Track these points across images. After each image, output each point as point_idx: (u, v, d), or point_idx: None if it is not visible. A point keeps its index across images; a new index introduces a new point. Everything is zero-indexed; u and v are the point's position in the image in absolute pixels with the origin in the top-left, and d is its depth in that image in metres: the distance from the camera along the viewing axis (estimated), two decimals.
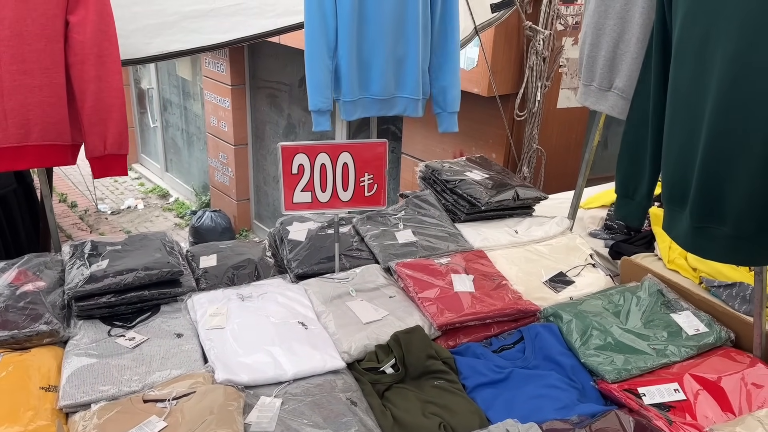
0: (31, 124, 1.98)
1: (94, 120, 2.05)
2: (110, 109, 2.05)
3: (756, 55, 1.30)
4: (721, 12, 1.34)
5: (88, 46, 1.97)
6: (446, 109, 2.35)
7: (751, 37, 1.30)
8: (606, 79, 2.01)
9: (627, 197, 1.80)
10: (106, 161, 2.12)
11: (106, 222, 6.91)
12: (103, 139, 2.08)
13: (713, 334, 1.81)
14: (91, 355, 1.62)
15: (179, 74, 7.49)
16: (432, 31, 2.21)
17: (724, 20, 1.34)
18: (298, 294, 1.97)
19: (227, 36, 3.00)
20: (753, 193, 1.37)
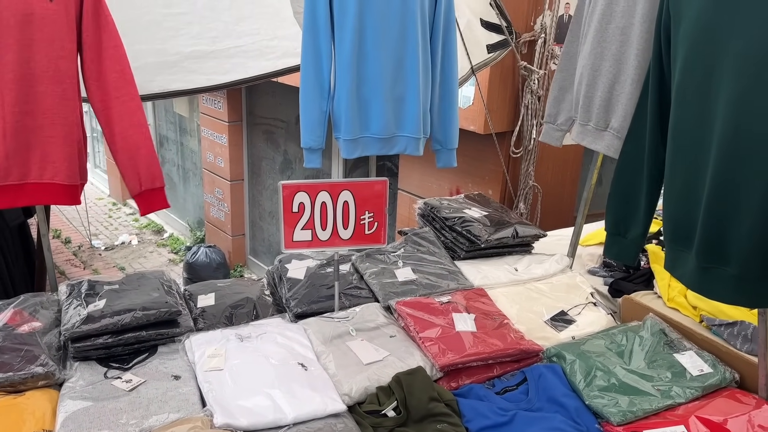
0: (30, 163, 1.98)
1: (125, 159, 2.11)
2: (138, 146, 2.10)
3: (757, 99, 1.32)
4: (721, 57, 1.37)
5: (108, 90, 2.02)
6: (445, 146, 2.38)
7: (752, 81, 1.32)
8: (602, 120, 2.04)
9: (618, 235, 1.81)
10: (146, 197, 2.20)
11: (100, 258, 6.86)
12: (137, 176, 2.14)
13: (718, 374, 1.79)
14: (86, 398, 1.58)
15: (176, 111, 7.55)
16: (432, 72, 2.24)
17: (725, 65, 1.37)
18: (297, 334, 1.94)
19: (227, 77, 3.04)
20: (757, 235, 1.37)
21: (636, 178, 1.71)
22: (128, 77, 2.08)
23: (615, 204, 1.79)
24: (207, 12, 2.77)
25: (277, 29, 2.89)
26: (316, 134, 2.15)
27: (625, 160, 1.75)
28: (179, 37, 2.80)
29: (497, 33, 3.10)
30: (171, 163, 8.00)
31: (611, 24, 1.94)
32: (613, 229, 1.82)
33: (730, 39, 1.36)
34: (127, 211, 8.56)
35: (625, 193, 1.75)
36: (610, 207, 1.81)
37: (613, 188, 1.79)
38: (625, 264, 2.44)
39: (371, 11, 2.07)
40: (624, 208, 1.77)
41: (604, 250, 1.91)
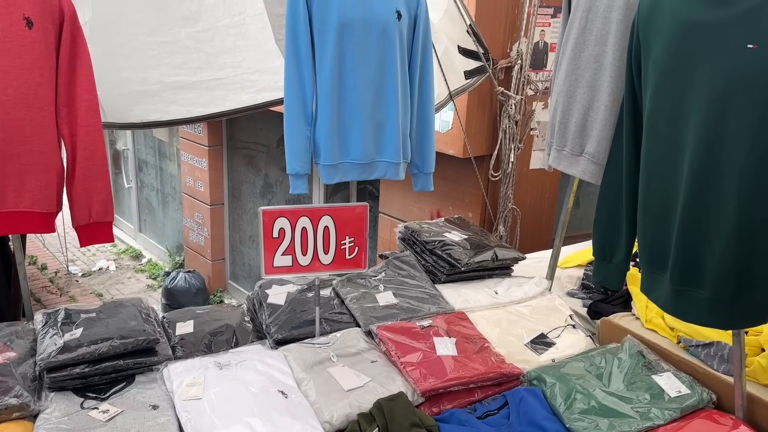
0: (7, 191, 1.96)
1: (81, 189, 2.08)
2: (96, 178, 2.09)
3: (725, 125, 1.36)
4: (690, 85, 1.42)
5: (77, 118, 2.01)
6: (422, 170, 2.44)
7: (719, 107, 1.37)
8: (577, 145, 2.08)
9: (605, 260, 1.84)
10: (92, 229, 2.15)
11: (77, 285, 6.75)
12: (89, 207, 2.11)
13: (695, 395, 1.81)
14: (62, 429, 1.55)
15: (156, 136, 7.52)
16: (410, 98, 2.28)
17: (693, 92, 1.41)
18: (277, 361, 1.93)
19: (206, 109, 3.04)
20: (728, 258, 1.40)
21: (616, 205, 1.74)
22: (96, 108, 2.08)
23: (599, 230, 1.83)
24: (190, 42, 2.78)
25: (259, 62, 2.91)
26: (302, 160, 2.18)
27: (606, 187, 1.79)
28: (161, 67, 2.80)
29: (474, 59, 3.16)
30: (150, 188, 7.94)
31: (584, 52, 1.99)
32: (599, 254, 1.85)
33: (698, 67, 1.40)
34: None
35: (608, 219, 1.79)
36: (596, 233, 1.84)
37: (597, 214, 1.83)
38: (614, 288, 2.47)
39: (351, 40, 2.11)
40: (608, 233, 1.80)
41: (593, 275, 1.94)
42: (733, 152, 1.36)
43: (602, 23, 1.94)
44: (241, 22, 2.77)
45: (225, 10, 2.72)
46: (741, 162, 1.35)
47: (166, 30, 2.71)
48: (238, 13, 2.75)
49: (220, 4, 2.70)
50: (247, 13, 2.74)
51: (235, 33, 2.80)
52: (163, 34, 2.72)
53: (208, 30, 2.76)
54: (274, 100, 3.01)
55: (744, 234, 1.40)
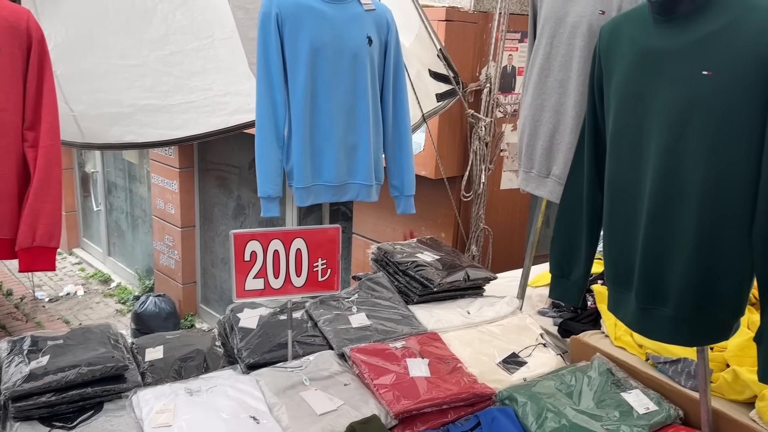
0: None
1: (29, 210, 1.98)
2: (46, 200, 1.99)
3: (682, 148, 1.41)
4: (649, 110, 1.47)
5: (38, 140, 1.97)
6: (403, 193, 2.44)
7: (676, 131, 1.42)
8: (544, 167, 2.14)
9: (562, 277, 1.87)
10: (34, 253, 2.02)
11: (44, 310, 6.59)
12: (33, 230, 1.99)
13: (663, 412, 1.84)
14: None
15: (125, 158, 7.44)
16: (385, 121, 2.31)
17: (653, 116, 1.46)
18: (249, 386, 1.91)
19: (178, 133, 3.03)
20: (690, 277, 1.45)
21: (575, 223, 1.78)
22: (57, 130, 2.02)
23: (557, 247, 1.86)
24: (159, 65, 2.77)
25: (229, 84, 2.91)
26: (273, 182, 2.17)
27: (565, 206, 1.82)
28: (133, 89, 2.79)
29: (445, 83, 3.22)
30: (119, 211, 7.83)
31: (549, 77, 2.05)
32: (556, 271, 1.88)
33: (657, 92, 1.46)
34: (72, 261, 8.29)
35: (566, 237, 1.82)
36: (553, 250, 1.88)
37: (555, 232, 1.86)
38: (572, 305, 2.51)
39: (322, 65, 2.13)
40: (566, 251, 1.83)
41: (549, 292, 1.97)
42: (691, 174, 1.41)
43: (566, 49, 2.00)
44: (209, 45, 2.77)
45: (193, 33, 2.73)
46: (699, 184, 1.40)
47: (136, 53, 2.71)
48: (206, 37, 2.75)
49: (188, 28, 2.71)
50: (216, 36, 2.75)
51: (204, 56, 2.81)
52: (133, 57, 2.71)
53: (176, 53, 2.76)
54: (246, 123, 3.01)
55: (704, 253, 1.44)
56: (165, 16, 2.63)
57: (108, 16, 2.55)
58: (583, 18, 2.00)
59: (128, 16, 2.59)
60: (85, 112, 2.75)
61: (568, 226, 1.81)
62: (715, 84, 1.34)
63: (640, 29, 1.50)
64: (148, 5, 2.60)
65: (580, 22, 2.00)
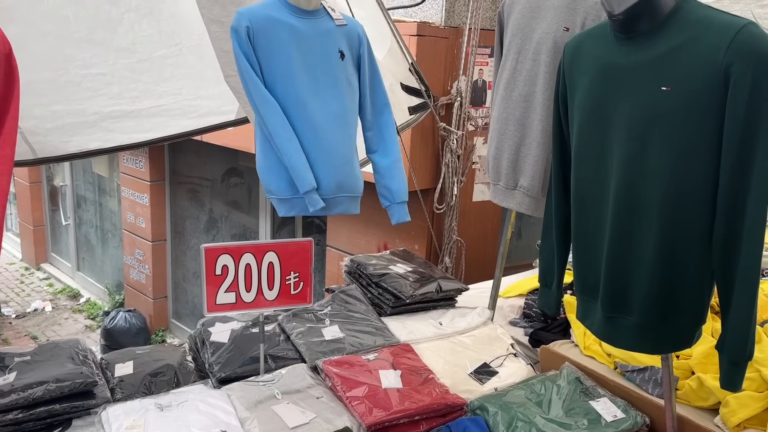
0: None
1: None
2: None
3: (643, 160, 1.46)
4: (611, 123, 1.51)
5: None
6: (394, 201, 2.34)
7: (637, 144, 1.46)
8: (511, 179, 2.17)
9: (546, 287, 1.92)
10: None
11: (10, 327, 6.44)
12: None
13: (630, 419, 1.88)
14: None
15: (95, 171, 7.34)
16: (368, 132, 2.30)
17: (614, 131, 1.51)
18: (220, 400, 1.90)
19: (149, 135, 3.01)
20: (653, 286, 1.49)
21: (550, 235, 1.83)
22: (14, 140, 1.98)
23: (542, 257, 1.92)
24: (127, 73, 2.76)
25: (199, 89, 2.90)
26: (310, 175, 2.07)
27: (546, 217, 1.88)
28: (98, 98, 2.76)
29: (417, 96, 3.25)
30: (89, 225, 7.71)
31: (514, 91, 2.09)
32: (542, 280, 1.94)
33: (617, 107, 1.50)
34: (40, 276, 8.12)
35: (547, 248, 1.87)
36: (541, 260, 1.93)
37: (541, 243, 1.92)
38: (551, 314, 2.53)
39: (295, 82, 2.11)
40: (547, 261, 1.89)
41: (538, 299, 2.01)
42: (652, 188, 1.45)
43: (531, 65, 2.05)
44: (177, 52, 2.76)
45: (160, 41, 2.72)
46: (660, 196, 1.45)
47: (101, 62, 2.68)
48: (174, 45, 2.74)
49: (155, 36, 2.69)
50: (183, 44, 2.74)
51: (173, 63, 2.80)
52: (98, 67, 2.68)
53: (144, 61, 2.75)
54: (219, 124, 2.99)
55: (666, 263, 1.49)
56: (131, 26, 2.62)
57: (68, 27, 2.52)
58: (548, 35, 2.05)
59: (91, 27, 2.56)
60: (37, 127, 2.69)
61: (547, 237, 1.86)
62: (673, 99, 1.39)
63: (602, 46, 1.54)
64: (112, 15, 2.58)
65: (546, 39, 2.05)
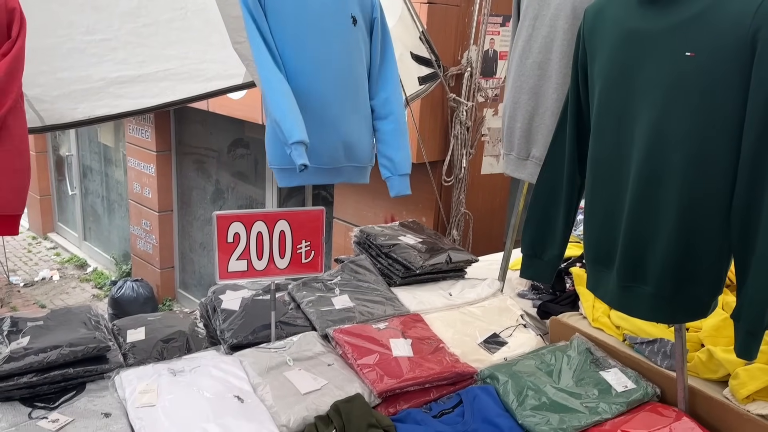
0: None
1: None
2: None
3: (667, 127, 1.43)
4: (634, 90, 1.48)
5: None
6: (396, 172, 2.32)
7: (661, 111, 1.44)
8: (524, 149, 2.15)
9: (535, 257, 1.89)
10: None
11: (19, 295, 6.50)
12: None
13: (640, 390, 1.89)
14: None
15: (101, 141, 7.32)
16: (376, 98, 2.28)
17: (636, 97, 1.48)
18: (232, 366, 1.91)
19: (156, 100, 2.98)
20: (671, 255, 1.48)
21: (553, 203, 1.79)
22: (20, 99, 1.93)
23: (532, 227, 1.87)
24: (132, 38, 2.73)
25: (205, 53, 2.87)
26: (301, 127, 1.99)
27: (543, 186, 1.83)
28: (103, 64, 2.74)
29: (427, 66, 3.22)
30: (95, 195, 7.72)
31: (529, 59, 2.06)
32: (529, 251, 1.90)
33: (640, 73, 1.47)
34: (47, 246, 8.16)
35: (542, 217, 1.83)
36: (527, 230, 1.89)
37: (530, 213, 1.87)
38: (545, 284, 2.53)
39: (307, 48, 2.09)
40: (541, 231, 1.85)
41: (521, 272, 1.97)
42: (674, 155, 1.43)
43: (548, 31, 2.01)
44: (183, 16, 2.73)
45: (165, 5, 2.69)
46: (681, 164, 1.43)
47: (105, 27, 2.65)
48: (180, 8, 2.71)
49: (159, 1, 2.66)
50: (189, 8, 2.71)
51: (179, 27, 2.77)
52: (102, 32, 2.65)
53: (150, 25, 2.72)
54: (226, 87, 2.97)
55: (685, 233, 1.47)
56: None
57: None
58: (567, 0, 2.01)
59: None
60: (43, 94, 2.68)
61: (546, 206, 1.82)
62: (697, 65, 1.36)
63: (624, 11, 1.51)
64: None
65: (564, 4, 2.00)
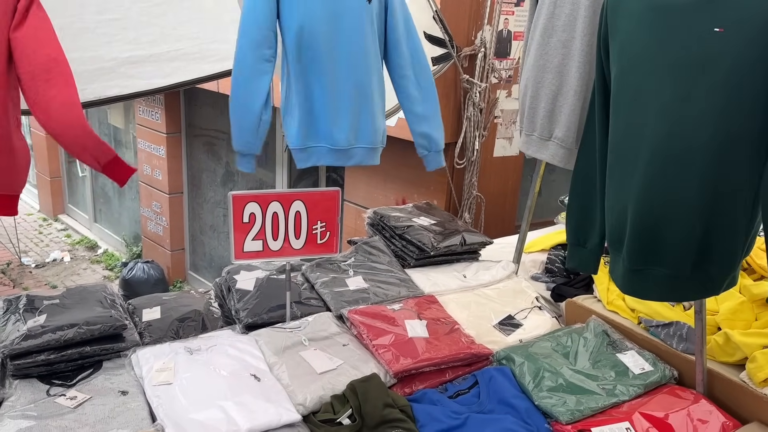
0: None
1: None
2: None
3: (690, 107, 1.40)
4: (655, 67, 1.45)
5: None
6: (433, 149, 2.40)
7: (684, 89, 1.41)
8: (546, 130, 2.12)
9: (579, 245, 1.83)
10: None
11: (31, 276, 6.54)
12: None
13: (658, 372, 1.88)
14: (29, 417, 1.51)
15: (111, 122, 7.32)
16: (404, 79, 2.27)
17: (658, 75, 1.45)
18: (248, 345, 1.92)
19: (168, 80, 2.96)
20: (689, 235, 1.45)
21: (590, 190, 1.74)
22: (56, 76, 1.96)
23: (573, 215, 1.82)
24: (143, 17, 2.71)
25: (216, 32, 2.85)
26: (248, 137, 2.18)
27: (579, 173, 1.79)
28: (114, 43, 2.72)
29: (440, 46, 3.18)
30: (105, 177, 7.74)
31: (552, 38, 2.02)
32: (573, 239, 1.84)
33: (665, 50, 1.44)
34: (58, 227, 8.20)
35: (581, 205, 1.78)
36: (569, 218, 1.84)
37: (570, 201, 1.83)
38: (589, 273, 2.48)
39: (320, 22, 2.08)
40: (581, 219, 1.79)
41: (566, 261, 1.92)
42: (696, 133, 1.40)
43: (570, 9, 1.97)
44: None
45: None
46: (704, 143, 1.40)
47: (115, 7, 2.63)
48: None
49: None
50: None
51: (189, 6, 2.75)
52: (112, 12, 2.64)
53: (160, 4, 2.70)
54: None
55: (705, 214, 1.45)
56: None
57: None
58: None
59: None
60: None
61: (583, 193, 1.77)
62: (726, 42, 1.33)
63: None
64: None
65: None
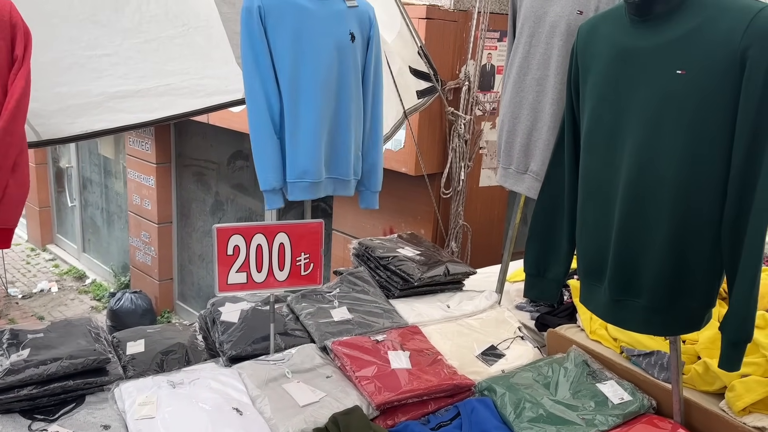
0: None
1: None
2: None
3: (658, 144, 1.46)
4: (625, 107, 1.51)
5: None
6: (370, 188, 2.48)
7: (651, 128, 1.46)
8: (522, 163, 2.18)
9: (539, 276, 1.87)
10: None
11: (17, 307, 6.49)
12: None
13: (636, 402, 1.90)
14: None
15: (101, 153, 7.35)
16: (364, 117, 2.33)
17: (628, 114, 1.51)
18: (231, 378, 1.92)
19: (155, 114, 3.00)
20: (663, 269, 1.50)
21: (555, 220, 1.79)
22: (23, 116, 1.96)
23: (534, 246, 1.85)
24: (133, 53, 2.75)
25: (206, 69, 2.90)
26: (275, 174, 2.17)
27: (544, 202, 1.83)
28: (103, 78, 2.76)
29: (425, 80, 3.25)
30: (94, 207, 7.74)
31: (528, 75, 2.09)
32: (533, 270, 1.87)
33: (632, 90, 1.50)
34: (46, 257, 8.16)
35: (545, 234, 1.83)
36: (529, 249, 1.87)
37: (531, 230, 1.86)
38: (550, 302, 2.54)
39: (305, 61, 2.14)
40: (543, 248, 1.84)
41: (525, 291, 1.95)
42: (665, 171, 1.46)
43: (545, 48, 2.04)
44: (185, 32, 2.76)
45: (168, 22, 2.72)
46: (672, 180, 1.45)
47: (107, 43, 2.68)
48: (182, 25, 2.74)
49: (161, 17, 2.69)
50: (191, 24, 2.75)
51: (180, 43, 2.80)
52: (103, 48, 2.68)
53: (151, 41, 2.75)
54: (226, 102, 3.01)
55: (677, 247, 1.49)
56: (138, 6, 2.62)
57: (72, 8, 2.51)
58: (561, 18, 2.05)
59: (95, 7, 2.56)
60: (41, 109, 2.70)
61: (547, 223, 1.81)
62: (688, 83, 1.39)
63: (617, 29, 1.54)
64: None
65: (559, 22, 2.04)
